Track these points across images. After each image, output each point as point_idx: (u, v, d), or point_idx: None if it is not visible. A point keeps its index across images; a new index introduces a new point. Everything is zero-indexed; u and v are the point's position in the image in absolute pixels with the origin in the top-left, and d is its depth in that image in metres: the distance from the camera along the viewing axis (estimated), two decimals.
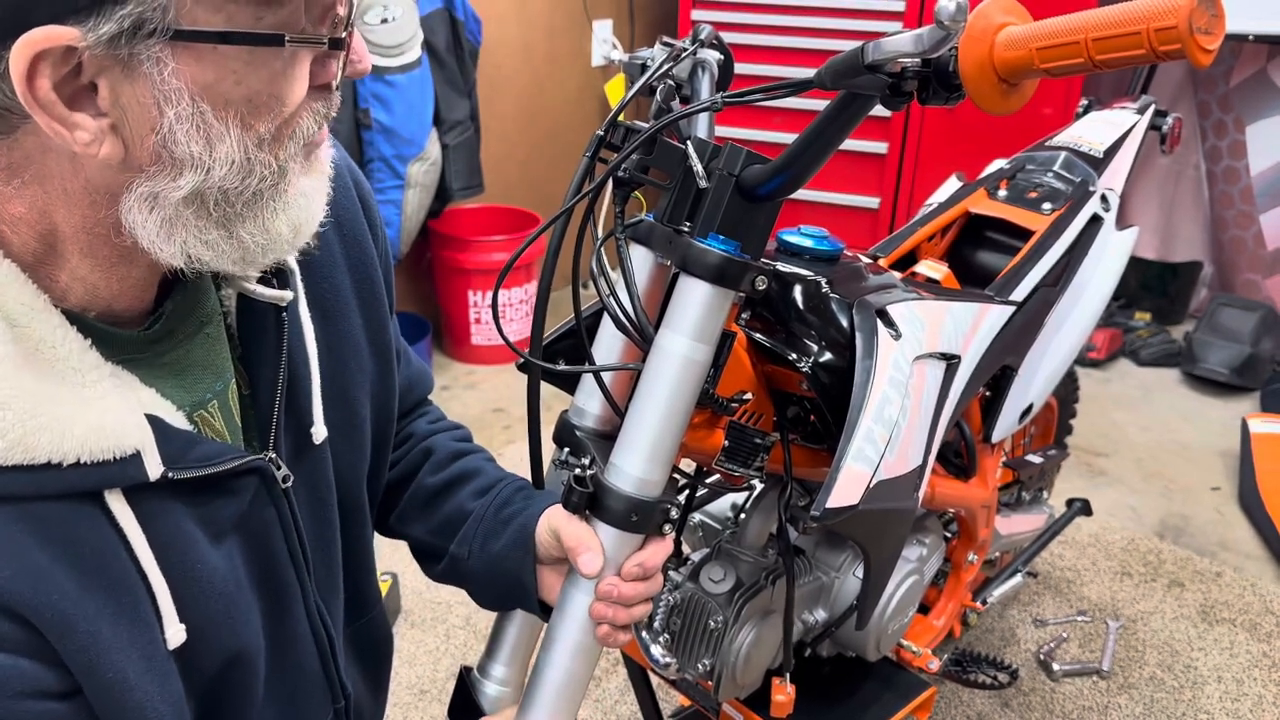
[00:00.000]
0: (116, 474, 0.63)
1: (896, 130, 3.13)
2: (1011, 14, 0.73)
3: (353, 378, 0.85)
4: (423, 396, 1.05)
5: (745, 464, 1.04)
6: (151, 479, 0.64)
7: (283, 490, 0.76)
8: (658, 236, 0.85)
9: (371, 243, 0.88)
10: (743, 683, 1.21)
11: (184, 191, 0.59)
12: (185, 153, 0.58)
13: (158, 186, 0.59)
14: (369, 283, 0.87)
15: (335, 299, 0.83)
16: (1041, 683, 1.99)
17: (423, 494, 0.97)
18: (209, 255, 0.63)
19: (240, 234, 0.63)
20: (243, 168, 0.60)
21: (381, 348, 0.89)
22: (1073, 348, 1.67)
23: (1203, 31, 0.65)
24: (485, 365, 3.28)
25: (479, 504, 0.93)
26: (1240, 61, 3.37)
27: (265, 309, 0.76)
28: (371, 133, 2.73)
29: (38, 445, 0.59)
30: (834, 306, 1.02)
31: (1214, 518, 2.57)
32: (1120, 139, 1.78)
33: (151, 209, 0.60)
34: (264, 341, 0.76)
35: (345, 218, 0.85)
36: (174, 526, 0.68)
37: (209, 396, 0.73)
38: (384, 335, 0.89)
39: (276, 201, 0.64)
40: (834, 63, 0.74)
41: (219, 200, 0.61)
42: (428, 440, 1.00)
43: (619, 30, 3.72)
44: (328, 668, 0.85)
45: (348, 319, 0.84)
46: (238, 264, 0.65)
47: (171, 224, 0.60)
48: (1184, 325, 3.65)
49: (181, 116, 0.57)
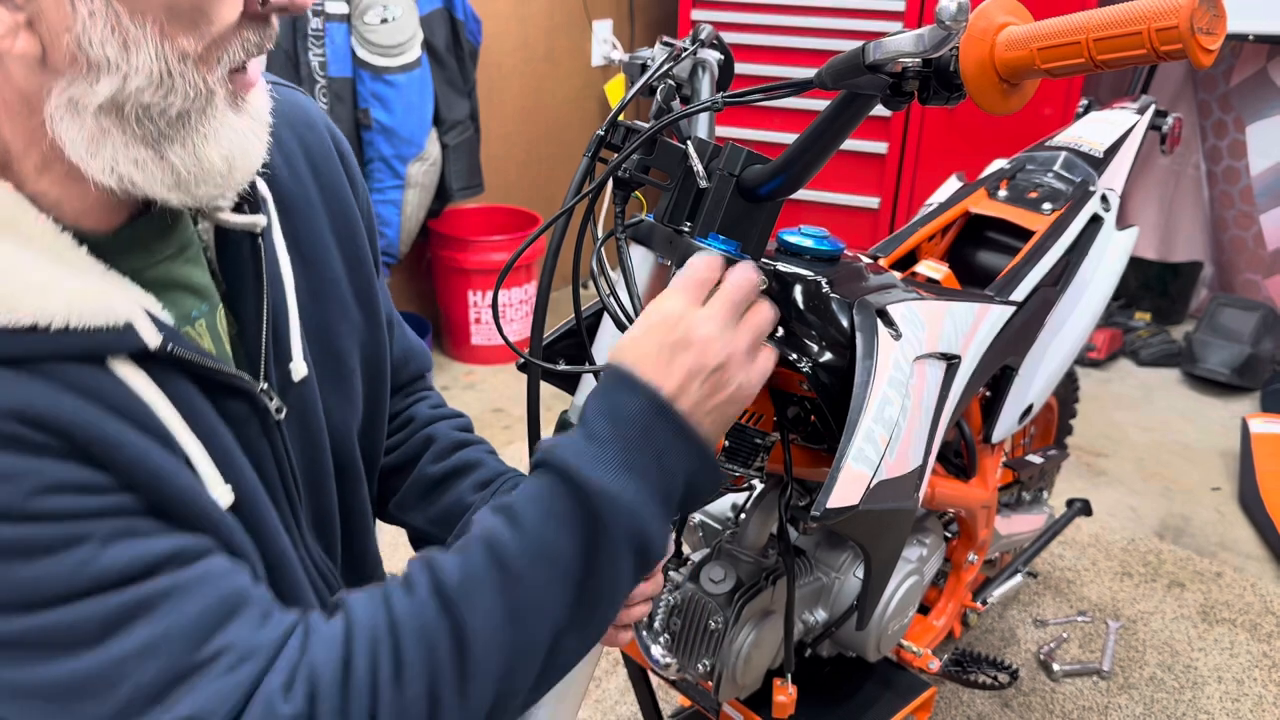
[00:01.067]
0: (113, 341, 0.62)
1: (896, 130, 3.13)
2: (1012, 14, 0.73)
3: (337, 326, 0.84)
4: (420, 372, 1.04)
5: (745, 464, 1.04)
6: (152, 347, 0.63)
7: (276, 423, 0.75)
8: (658, 236, 0.85)
9: (352, 198, 0.87)
10: (743, 683, 1.21)
11: (100, 98, 0.58)
12: (100, 55, 0.57)
13: (76, 91, 0.58)
14: (350, 233, 0.86)
15: (315, 245, 0.82)
16: (1041, 683, 1.99)
17: (423, 482, 0.97)
18: (139, 176, 0.62)
19: (169, 157, 0.62)
20: (163, 82, 0.59)
21: (368, 301, 0.88)
22: (1073, 348, 1.67)
23: (1204, 31, 0.65)
24: (485, 365, 3.28)
25: (479, 497, 0.93)
26: (1240, 61, 3.37)
27: (241, 239, 0.75)
28: (371, 133, 2.73)
29: (20, 306, 0.58)
30: (834, 306, 1.02)
31: (1214, 518, 2.57)
32: (1120, 139, 1.78)
33: (74, 117, 0.59)
34: (244, 273, 0.75)
35: (323, 166, 0.85)
36: (194, 400, 0.67)
37: (195, 315, 0.72)
38: (370, 288, 0.88)
39: (205, 126, 0.63)
40: (834, 63, 0.74)
41: (140, 116, 0.60)
42: (429, 428, 1.00)
43: (619, 30, 3.72)
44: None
45: (329, 266, 0.84)
46: (172, 190, 0.64)
47: (96, 138, 0.60)
48: (1184, 325, 3.65)
49: (95, 14, 0.56)
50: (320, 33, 2.63)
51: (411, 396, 1.03)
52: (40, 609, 0.57)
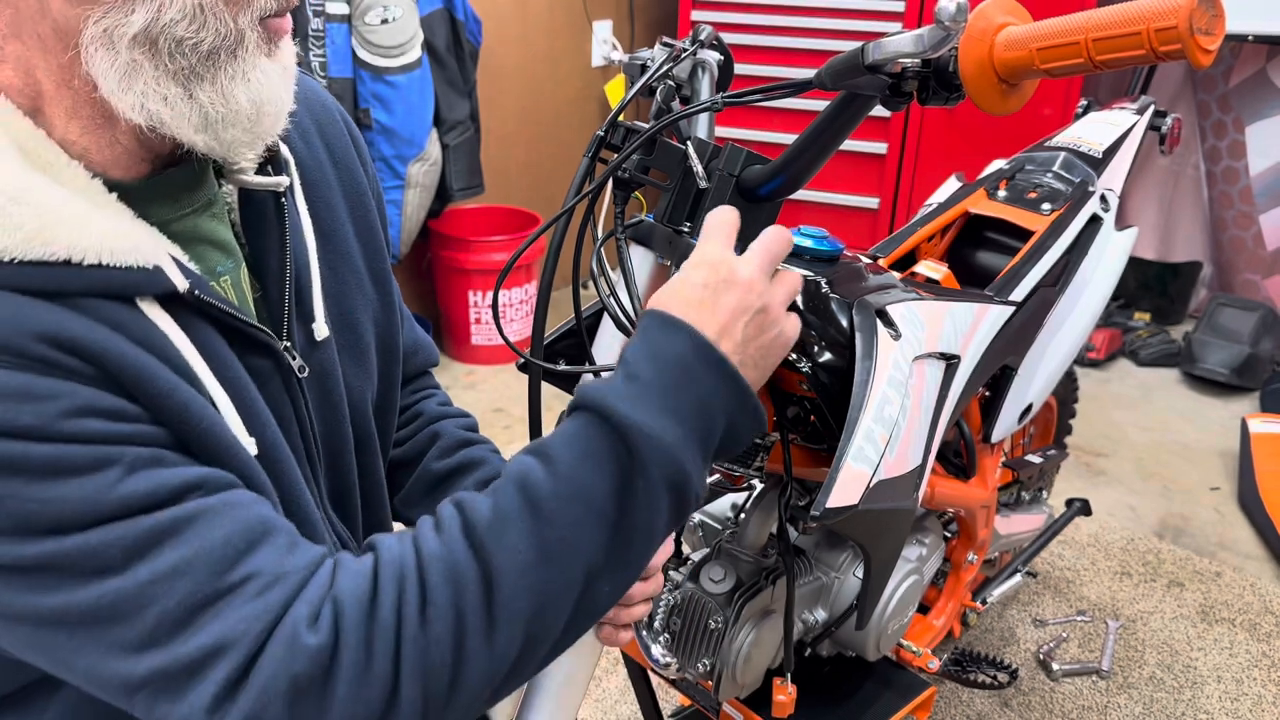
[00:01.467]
0: (144, 281, 0.62)
1: (896, 130, 3.13)
2: (1011, 14, 0.74)
3: (354, 299, 0.85)
4: (426, 365, 1.05)
5: (745, 464, 1.04)
6: (180, 290, 0.64)
7: (299, 381, 0.75)
8: (658, 237, 0.86)
9: (365, 177, 0.88)
10: (743, 682, 1.21)
11: (135, 29, 0.59)
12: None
13: (111, 21, 0.59)
14: (364, 211, 0.87)
15: (332, 219, 0.83)
16: (1041, 682, 1.99)
17: (428, 479, 0.97)
18: (168, 114, 0.62)
19: (199, 95, 0.63)
20: (196, 17, 0.60)
21: (381, 278, 0.88)
22: (1072, 348, 1.67)
23: (1203, 32, 0.65)
24: (485, 365, 3.28)
25: None
26: (1240, 61, 3.37)
27: (265, 199, 0.76)
28: (372, 133, 2.73)
29: (55, 240, 0.58)
30: (834, 306, 1.02)
31: (1214, 518, 2.57)
32: (1119, 139, 1.78)
33: (107, 49, 0.60)
34: (267, 232, 0.76)
35: (337, 145, 0.86)
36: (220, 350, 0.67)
37: (220, 270, 0.72)
38: (383, 268, 0.89)
39: (235, 67, 0.63)
40: (834, 63, 0.74)
41: (173, 50, 0.61)
42: (436, 424, 1.01)
43: (619, 30, 3.72)
44: None
45: (345, 240, 0.84)
46: (199, 132, 0.64)
47: (128, 71, 0.60)
48: (1183, 325, 3.65)
49: None
50: (321, 33, 2.64)
51: (420, 392, 1.04)
52: (66, 532, 0.57)
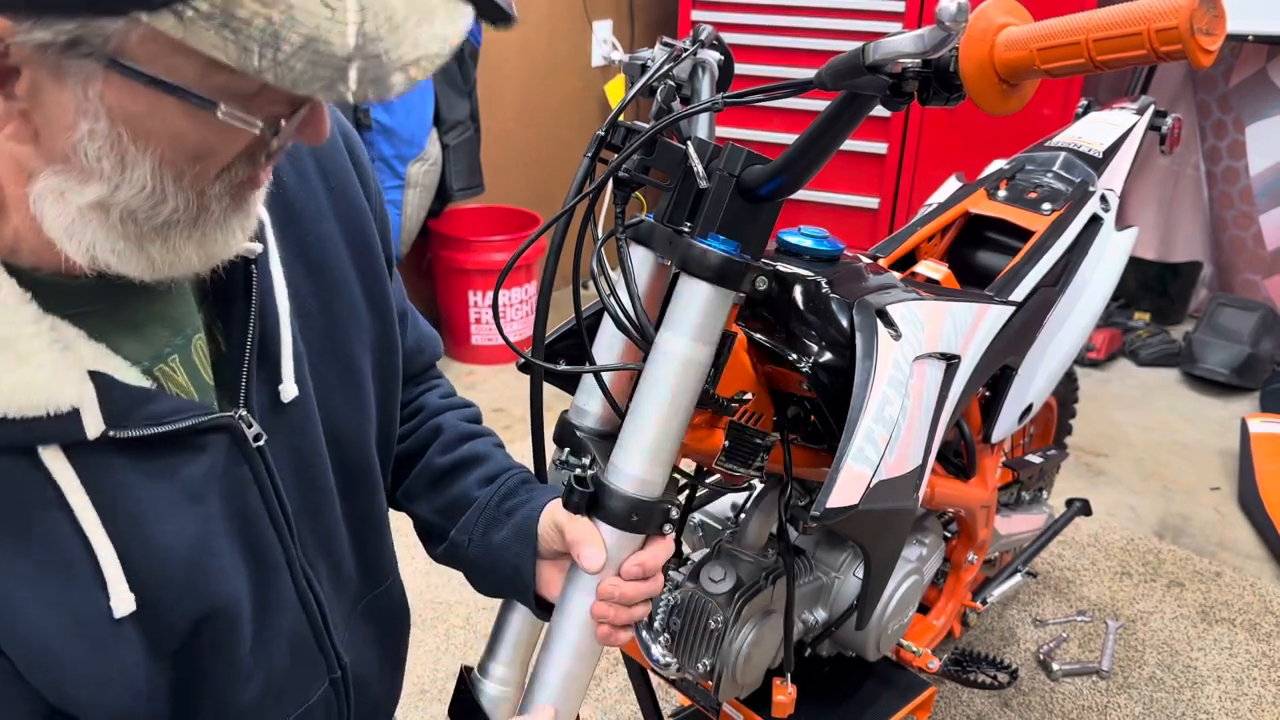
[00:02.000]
0: (50, 431, 0.61)
1: (896, 130, 3.13)
2: (1012, 14, 0.73)
3: (349, 332, 0.84)
4: (432, 360, 1.04)
5: (745, 464, 1.04)
6: (90, 438, 0.63)
7: (256, 449, 0.74)
8: (658, 237, 0.86)
9: (363, 197, 0.87)
10: (743, 682, 1.21)
11: (87, 200, 0.58)
12: (94, 166, 0.56)
13: (63, 184, 0.58)
14: (361, 235, 0.86)
15: (323, 251, 0.82)
16: (1041, 682, 1.99)
17: (430, 472, 0.97)
18: (114, 261, 0.61)
19: (149, 250, 0.61)
20: (155, 195, 0.59)
21: (379, 302, 0.87)
22: (1072, 348, 1.67)
23: (1203, 32, 0.65)
24: (485, 365, 3.28)
25: (484, 492, 0.93)
26: (1240, 61, 3.37)
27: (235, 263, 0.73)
28: (372, 133, 2.73)
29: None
30: (834, 307, 1.02)
31: (1213, 518, 2.57)
32: (1120, 139, 1.78)
33: (55, 204, 0.58)
34: (232, 297, 0.74)
35: (331, 168, 0.84)
36: (124, 487, 0.66)
37: (168, 351, 0.71)
38: (382, 289, 0.88)
39: (191, 233, 0.62)
40: (835, 63, 0.74)
41: (125, 219, 0.59)
42: (438, 417, 1.00)
43: (619, 30, 3.72)
44: (319, 637, 0.84)
45: (339, 270, 0.83)
46: (144, 273, 0.63)
47: (77, 226, 0.59)
48: (1184, 325, 3.65)
49: (97, 134, 0.55)
50: None
51: (422, 385, 1.03)
52: None
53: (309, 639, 0.83)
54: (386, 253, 0.90)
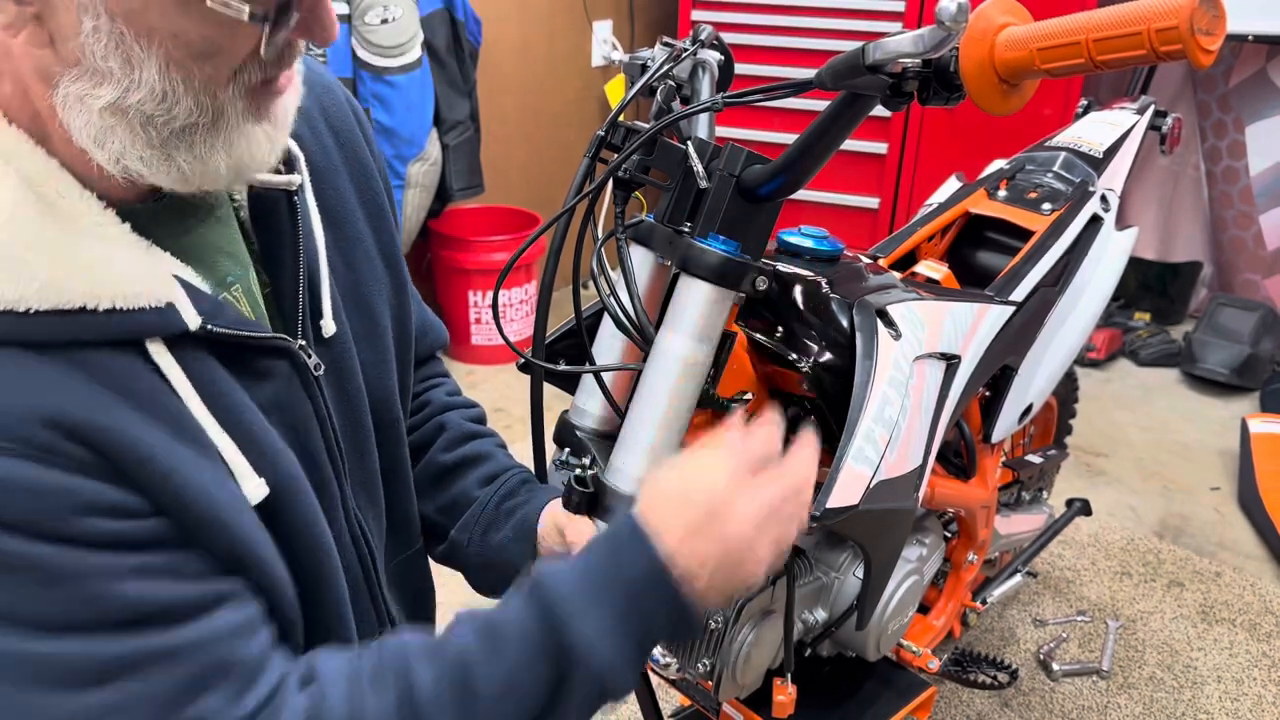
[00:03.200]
0: (155, 322, 0.62)
1: (896, 130, 3.13)
2: (1012, 14, 0.74)
3: (369, 285, 0.85)
4: (436, 346, 1.04)
5: None
6: (192, 328, 0.64)
7: (315, 379, 0.75)
8: (658, 237, 0.86)
9: (371, 159, 0.88)
10: (743, 682, 1.21)
11: (103, 102, 0.58)
12: (104, 66, 0.57)
13: (82, 89, 0.58)
14: (372, 193, 0.87)
15: (341, 205, 0.83)
16: (1041, 682, 1.99)
17: (434, 470, 0.97)
18: (145, 170, 0.62)
19: (176, 159, 0.62)
20: (167, 98, 0.59)
21: (392, 260, 0.88)
22: (1072, 348, 1.67)
23: (1203, 32, 0.65)
24: (485, 365, 3.28)
25: (484, 491, 0.94)
26: (1240, 61, 3.37)
27: (276, 198, 0.75)
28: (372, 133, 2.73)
29: (70, 289, 0.58)
30: (834, 307, 1.02)
31: (1213, 518, 2.57)
32: (1120, 139, 1.78)
33: (80, 109, 0.59)
34: (279, 229, 0.75)
35: (342, 128, 0.85)
36: (223, 385, 0.67)
37: (230, 280, 0.72)
38: (393, 247, 0.89)
39: (214, 139, 0.63)
40: (835, 63, 0.74)
41: (144, 123, 0.60)
42: (443, 415, 1.01)
43: (619, 30, 3.72)
44: (371, 585, 0.84)
45: (355, 226, 0.84)
46: (179, 184, 0.64)
47: (102, 132, 0.60)
48: (1184, 325, 3.65)
49: (100, 31, 0.56)
50: None
51: (428, 380, 1.04)
52: (29, 633, 0.57)
53: (362, 587, 0.83)
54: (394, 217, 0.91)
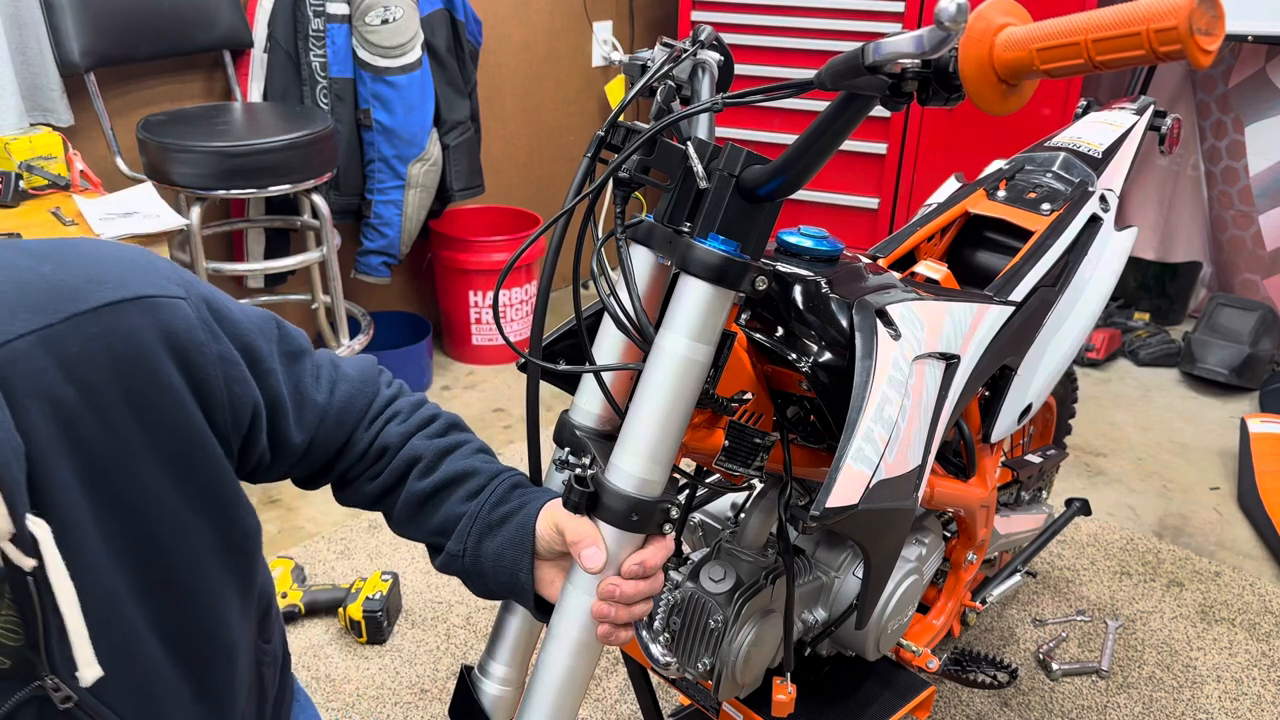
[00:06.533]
0: None
1: (896, 131, 3.14)
2: (1011, 15, 0.74)
3: (168, 549, 0.80)
4: (368, 403, 0.97)
5: (745, 464, 1.04)
6: None
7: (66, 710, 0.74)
8: (658, 237, 0.86)
9: (193, 406, 0.78)
10: (743, 682, 1.21)
11: None
12: None
13: None
14: (184, 446, 0.79)
15: (130, 483, 0.77)
16: (1041, 682, 1.99)
17: (414, 499, 0.94)
18: None
19: None
20: None
21: (212, 496, 0.82)
22: (1072, 348, 1.67)
23: (1203, 32, 0.65)
24: (486, 365, 3.28)
25: (471, 505, 0.92)
26: (1239, 62, 3.37)
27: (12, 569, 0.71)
28: (372, 133, 2.73)
29: None
30: (834, 306, 1.03)
31: (1213, 517, 2.57)
32: (1119, 139, 1.78)
33: None
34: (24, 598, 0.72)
35: (146, 396, 0.76)
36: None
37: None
38: (221, 491, 0.83)
39: None
40: (834, 64, 0.74)
41: None
42: (406, 448, 0.95)
43: (619, 31, 3.72)
44: None
45: (160, 502, 0.79)
46: None
47: None
48: (1183, 325, 3.66)
49: None
50: (321, 33, 2.64)
51: (374, 424, 0.97)
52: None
53: None
54: (238, 423, 0.83)
